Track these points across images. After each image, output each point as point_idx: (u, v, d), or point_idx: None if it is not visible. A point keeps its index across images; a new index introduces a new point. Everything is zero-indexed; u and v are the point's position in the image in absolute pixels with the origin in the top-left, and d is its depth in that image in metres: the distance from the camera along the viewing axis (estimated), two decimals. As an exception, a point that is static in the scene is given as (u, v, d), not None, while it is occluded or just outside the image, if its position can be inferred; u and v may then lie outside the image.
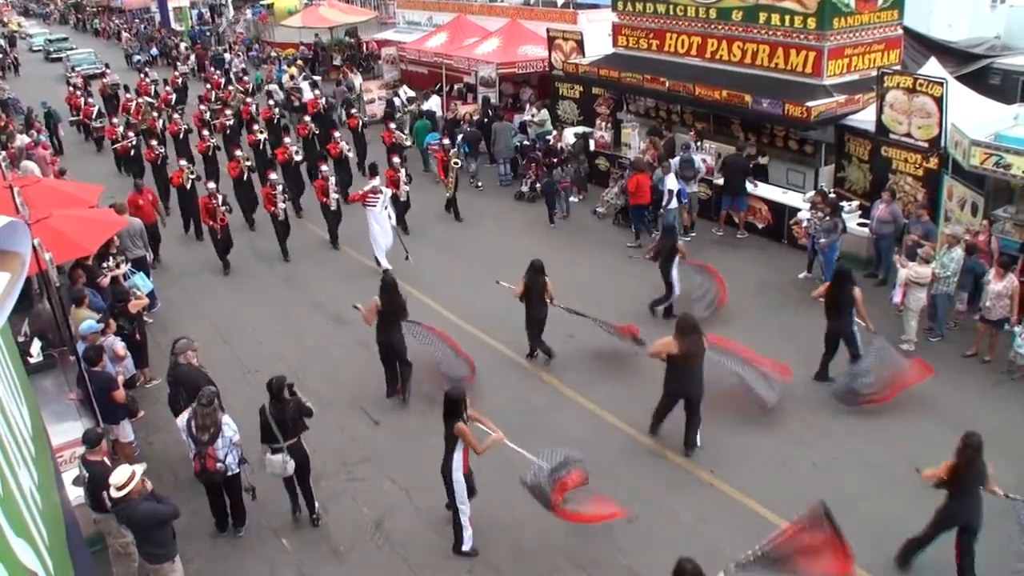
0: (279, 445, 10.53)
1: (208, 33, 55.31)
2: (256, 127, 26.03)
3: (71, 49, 56.40)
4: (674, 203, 18.48)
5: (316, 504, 11.25)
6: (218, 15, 60.44)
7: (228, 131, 27.13)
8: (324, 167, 20.33)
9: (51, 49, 59.90)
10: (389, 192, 18.83)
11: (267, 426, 10.53)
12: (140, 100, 31.98)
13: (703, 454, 11.88)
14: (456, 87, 31.21)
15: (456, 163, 21.80)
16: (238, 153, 22.37)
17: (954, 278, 14.03)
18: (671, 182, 18.44)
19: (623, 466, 11.75)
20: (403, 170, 20.57)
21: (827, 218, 15.98)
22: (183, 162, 21.23)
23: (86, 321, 12.36)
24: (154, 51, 53.48)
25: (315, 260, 20.02)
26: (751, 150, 19.80)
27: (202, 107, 29.49)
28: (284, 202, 19.63)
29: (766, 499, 10.88)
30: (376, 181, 18.58)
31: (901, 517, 10.34)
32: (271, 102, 30.89)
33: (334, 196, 19.96)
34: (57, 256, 13.06)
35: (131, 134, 26.94)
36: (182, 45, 52.80)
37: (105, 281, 14.71)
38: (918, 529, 9.98)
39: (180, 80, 38.45)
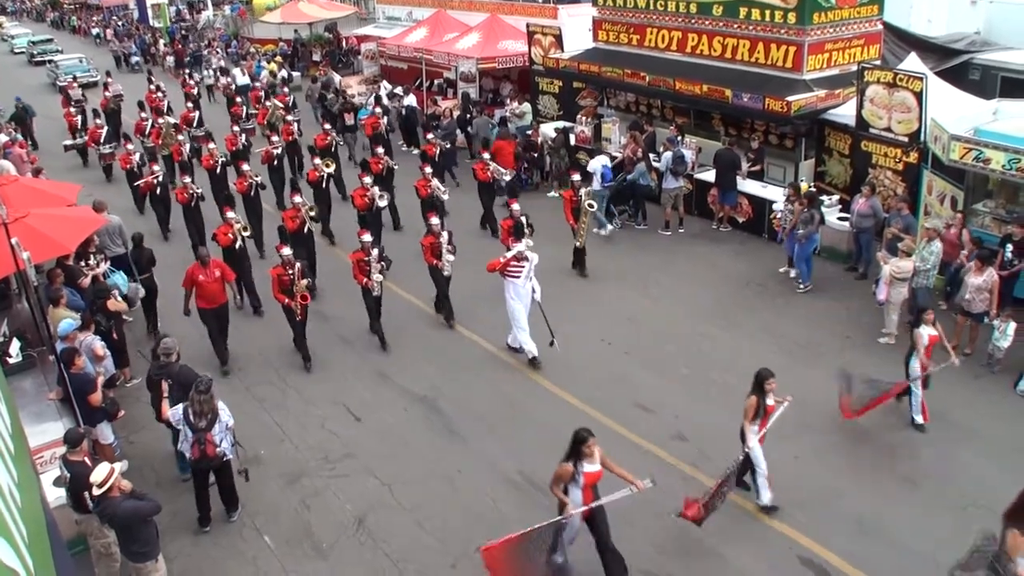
0: (142, 276, 15.25)
1: (185, 32, 54.82)
2: (317, 161, 20.18)
3: (57, 52, 52.50)
4: (597, 184, 19.16)
5: (159, 324, 15.98)
6: (197, 11, 60.10)
7: (275, 162, 22.17)
8: (434, 219, 15.33)
9: (35, 52, 55.04)
10: (536, 259, 14.17)
11: (128, 266, 15.34)
12: (160, 121, 25.89)
13: (686, 447, 11.91)
14: (436, 82, 31.19)
15: (591, 205, 17.44)
16: (296, 200, 17.09)
17: (934, 271, 14.12)
18: (594, 163, 19.88)
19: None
20: (524, 218, 15.78)
21: (805, 211, 16.05)
22: (231, 214, 16.47)
23: (64, 321, 12.26)
24: (133, 48, 52.97)
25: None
26: (755, 144, 19.91)
27: (235, 128, 24.31)
28: (382, 272, 15.03)
29: (749, 492, 10.91)
30: (522, 245, 14.11)
31: (880, 511, 10.42)
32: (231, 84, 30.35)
33: (449, 258, 15.43)
34: (35, 255, 12.93)
35: (155, 167, 21.10)
36: (161, 42, 52.39)
37: (86, 282, 14.60)
38: (898, 523, 10.09)
39: (196, 91, 33.00)
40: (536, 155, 22.92)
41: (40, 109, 33.58)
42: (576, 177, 17.74)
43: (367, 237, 14.91)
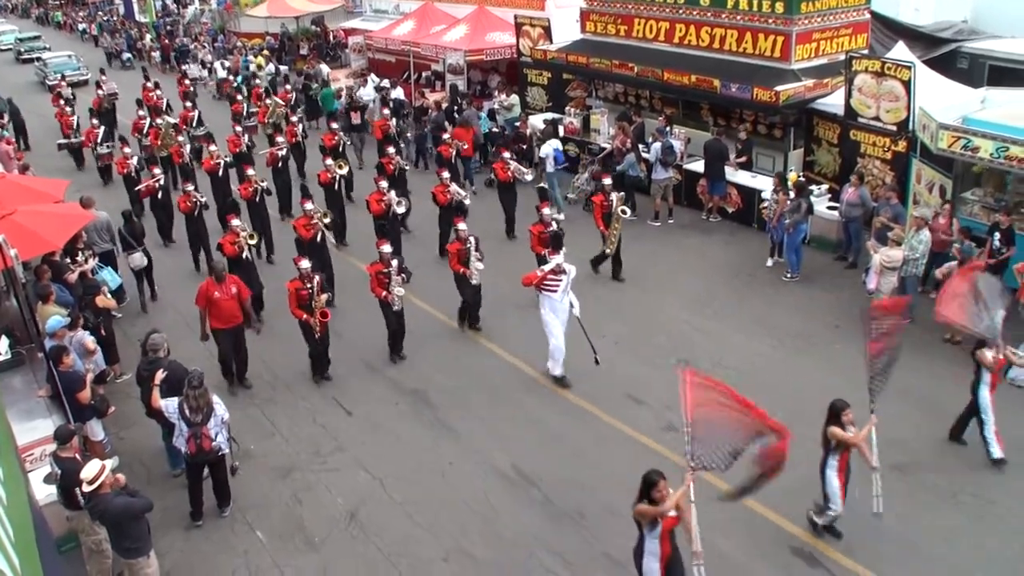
0: (135, 249, 16.47)
1: (171, 27, 54.45)
2: (329, 161, 19.02)
3: (45, 49, 50.24)
4: (551, 167, 19.80)
5: (156, 288, 17.22)
6: (183, 6, 59.71)
7: (279, 164, 20.72)
8: (462, 225, 14.73)
9: (22, 49, 52.90)
10: (573, 272, 13.32)
11: (125, 239, 16.50)
12: (159, 121, 24.66)
13: (676, 437, 11.88)
14: (424, 75, 31.12)
15: (624, 211, 16.38)
16: (308, 207, 15.97)
17: (923, 260, 14.14)
18: (546, 148, 20.54)
19: (596, 450, 11.78)
20: (555, 224, 15.16)
21: (789, 200, 16.07)
22: (236, 221, 15.49)
23: (52, 318, 12.21)
24: (124, 45, 52.48)
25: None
26: (743, 135, 19.85)
27: (237, 128, 23.02)
28: (402, 285, 14.07)
29: (735, 481, 10.91)
30: (560, 257, 13.14)
31: (870, 499, 10.43)
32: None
33: (478, 267, 14.72)
34: (23, 252, 12.89)
35: (156, 170, 19.52)
36: (147, 37, 52.06)
37: (72, 277, 14.53)
38: (888, 512, 10.10)
39: (193, 88, 32.05)
40: (525, 147, 22.86)
41: (29, 108, 32.86)
42: (607, 181, 16.62)
43: (386, 248, 13.94)
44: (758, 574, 9.60)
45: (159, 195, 19.31)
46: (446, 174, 17.82)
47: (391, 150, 19.99)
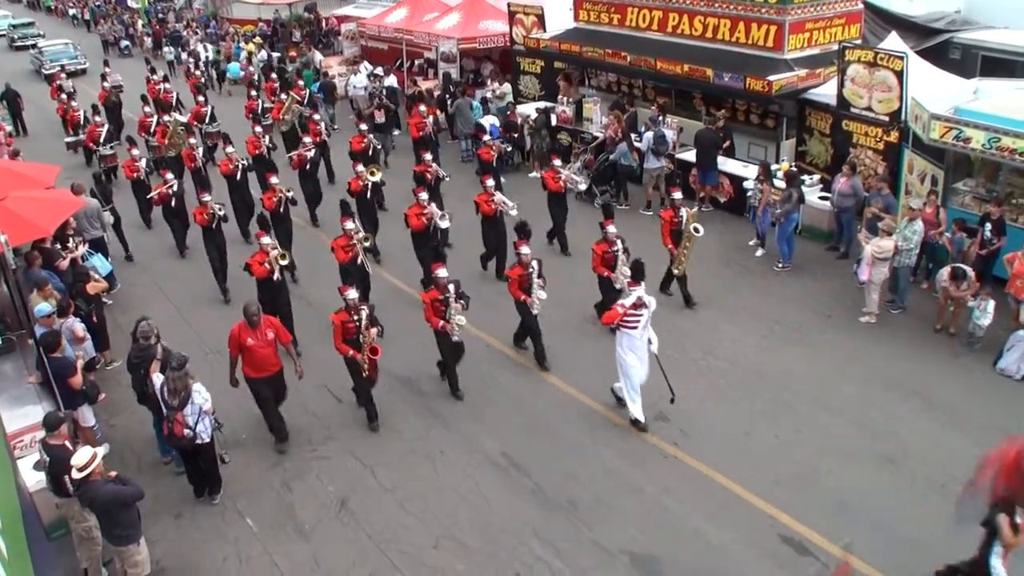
0: (107, 207, 17.53)
1: (162, 13, 54.13)
2: (360, 168, 17.04)
3: (39, 36, 48.91)
4: (486, 139, 20.37)
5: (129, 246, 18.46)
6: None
7: (307, 166, 19.07)
8: (525, 248, 13.12)
9: (16, 36, 50.90)
10: (654, 305, 11.77)
11: (96, 197, 17.38)
12: (166, 118, 23.02)
13: (667, 427, 11.93)
14: (417, 63, 31.06)
15: (696, 229, 14.78)
16: (348, 226, 14.29)
17: (915, 250, 14.16)
18: (486, 120, 22.52)
19: (587, 440, 11.78)
20: (620, 243, 13.90)
21: (773, 189, 16.10)
22: (266, 239, 13.85)
23: (39, 305, 12.17)
24: (123, 32, 51.96)
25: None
26: (721, 122, 19.73)
27: (257, 129, 21.01)
28: (461, 312, 12.49)
29: (730, 471, 10.96)
30: (641, 289, 11.59)
31: (860, 489, 10.48)
32: (197, 71, 30.18)
33: (541, 295, 13.29)
34: (13, 238, 12.87)
35: (168, 175, 17.66)
36: (139, 23, 51.77)
37: (64, 264, 14.49)
38: (877, 501, 10.14)
39: (204, 80, 31.39)
40: (516, 136, 22.84)
41: (26, 98, 31.70)
42: (677, 195, 15.19)
43: (443, 272, 12.44)
44: (747, 562, 9.63)
45: (172, 202, 17.59)
46: (490, 182, 16.15)
47: (428, 156, 18.06)
